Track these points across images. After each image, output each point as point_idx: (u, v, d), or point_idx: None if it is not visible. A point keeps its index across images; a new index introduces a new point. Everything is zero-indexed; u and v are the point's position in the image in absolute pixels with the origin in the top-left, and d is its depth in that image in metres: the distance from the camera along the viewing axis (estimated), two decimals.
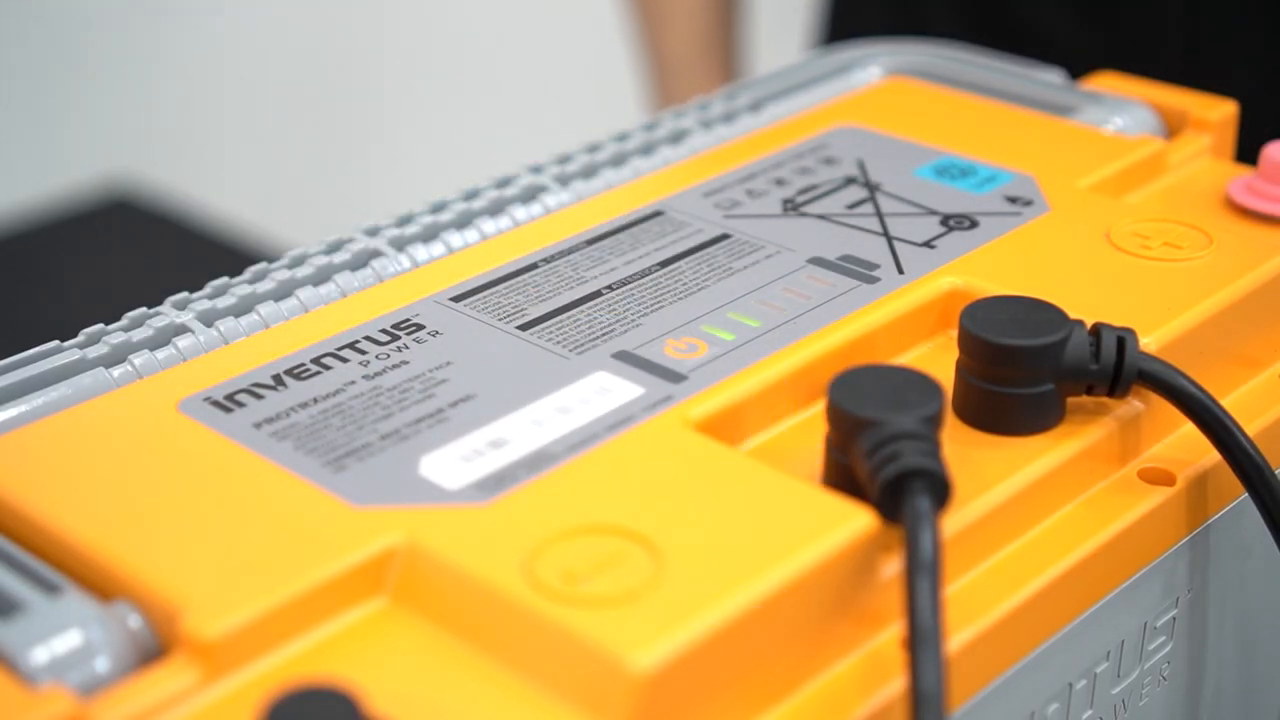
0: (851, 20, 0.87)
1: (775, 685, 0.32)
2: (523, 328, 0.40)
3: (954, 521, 0.35)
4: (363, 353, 0.39)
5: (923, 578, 0.31)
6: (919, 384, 0.34)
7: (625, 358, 0.39)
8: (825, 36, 0.89)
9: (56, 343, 0.40)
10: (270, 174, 1.63)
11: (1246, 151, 0.51)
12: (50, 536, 0.34)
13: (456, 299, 0.42)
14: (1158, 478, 0.38)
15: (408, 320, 0.41)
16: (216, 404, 0.37)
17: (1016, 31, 0.79)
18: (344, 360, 0.39)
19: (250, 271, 0.43)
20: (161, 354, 0.40)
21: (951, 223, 0.45)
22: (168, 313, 0.41)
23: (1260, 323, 0.42)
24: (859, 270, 0.42)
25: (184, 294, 0.42)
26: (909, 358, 0.41)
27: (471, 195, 0.48)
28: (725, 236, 0.44)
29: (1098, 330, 0.37)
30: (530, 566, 0.32)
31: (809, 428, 0.38)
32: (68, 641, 0.31)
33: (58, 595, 0.32)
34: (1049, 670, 0.36)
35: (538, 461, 0.35)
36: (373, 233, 0.45)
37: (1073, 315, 0.37)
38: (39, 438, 0.37)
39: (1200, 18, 0.74)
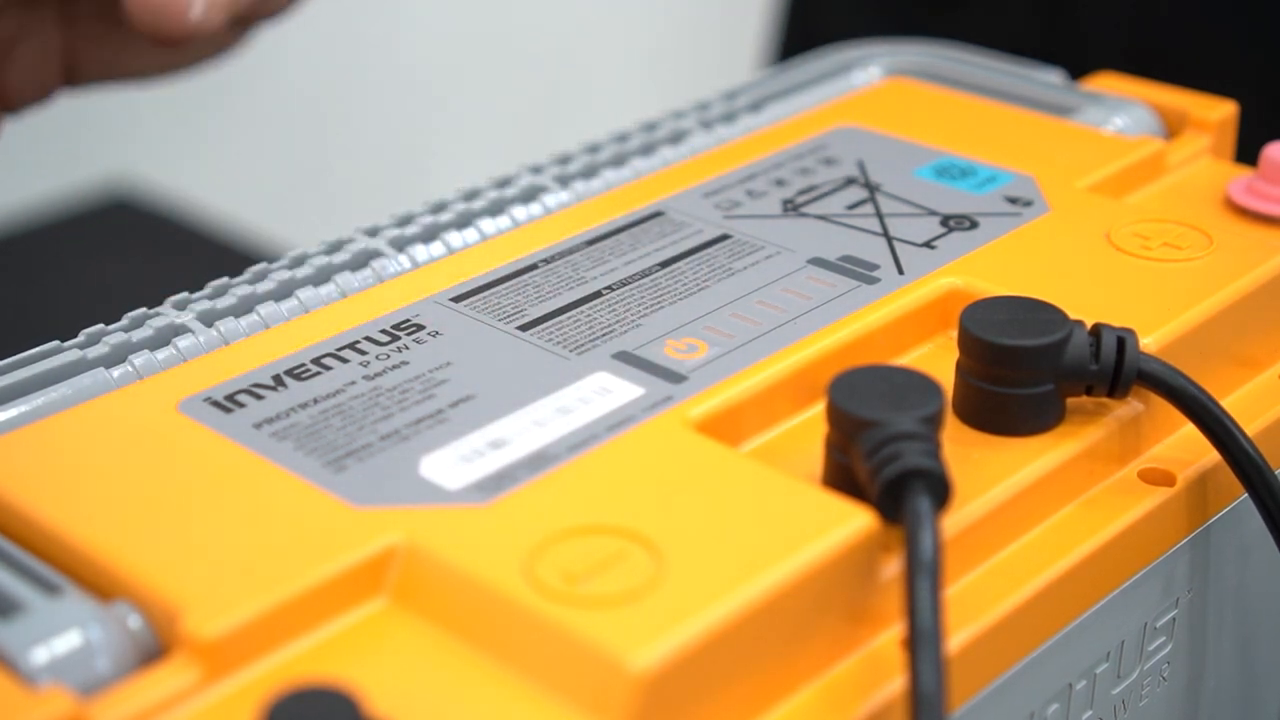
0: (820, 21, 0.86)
1: (775, 685, 0.32)
2: (523, 328, 0.40)
3: (954, 521, 0.35)
4: (363, 353, 0.39)
5: (923, 578, 0.31)
6: (919, 384, 0.34)
7: (625, 358, 0.39)
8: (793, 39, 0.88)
9: (56, 343, 0.40)
10: (270, 174, 1.63)
11: (1247, 152, 0.51)
12: (50, 536, 0.34)
13: (456, 299, 0.42)
14: (1158, 478, 0.38)
15: (408, 320, 0.41)
16: (216, 404, 0.37)
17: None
18: (344, 361, 0.39)
19: (250, 271, 0.43)
20: (161, 354, 0.40)
21: (951, 223, 0.45)
22: (168, 313, 0.41)
23: (1260, 323, 0.42)
24: (859, 271, 0.42)
25: (184, 294, 0.42)
26: (909, 358, 0.41)
27: (471, 195, 0.48)
28: (725, 237, 0.44)
29: (1098, 330, 0.37)
30: (530, 567, 0.32)
31: (809, 428, 0.38)
32: (68, 641, 0.31)
33: (58, 595, 0.32)
34: (1049, 670, 0.36)
35: (538, 462, 0.35)
36: (373, 233, 0.45)
37: (1073, 315, 0.37)
38: (39, 438, 0.37)
39: (1199, 17, 0.74)
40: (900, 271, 0.42)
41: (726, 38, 1.48)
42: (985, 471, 0.36)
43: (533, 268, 0.43)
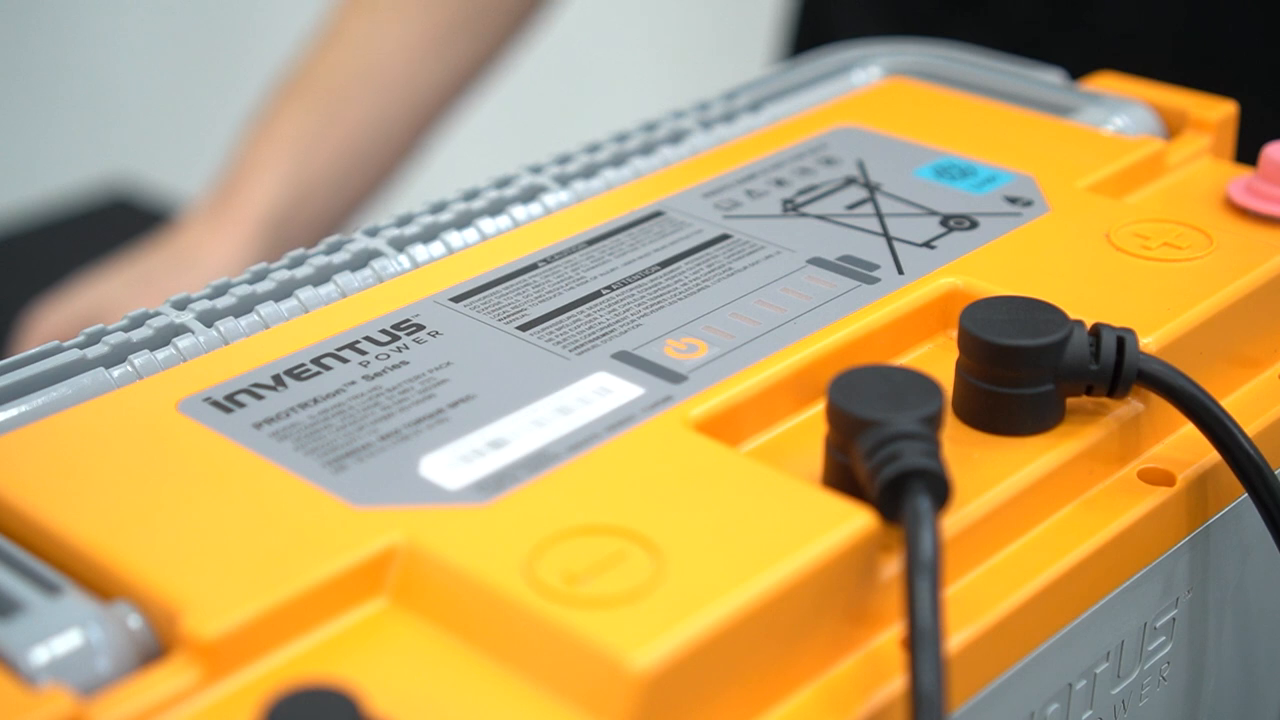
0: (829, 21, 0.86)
1: (775, 685, 0.32)
2: (523, 328, 0.40)
3: (954, 521, 0.35)
4: (363, 353, 0.39)
5: (923, 578, 0.31)
6: (919, 384, 0.34)
7: (625, 358, 0.39)
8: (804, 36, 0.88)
9: (56, 343, 0.40)
10: None
11: (1248, 152, 0.51)
12: (50, 536, 0.34)
13: (456, 299, 0.42)
14: (1158, 478, 0.38)
15: (408, 320, 0.41)
16: (216, 404, 0.37)
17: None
18: (344, 360, 0.39)
19: (250, 271, 0.43)
20: (161, 354, 0.40)
21: (951, 223, 0.45)
22: (168, 313, 0.41)
23: (1260, 323, 0.42)
24: (859, 270, 0.42)
25: (184, 294, 0.42)
26: (909, 358, 0.41)
27: (471, 195, 0.48)
28: (725, 237, 0.45)
29: (1097, 330, 0.37)
30: (530, 567, 0.32)
31: (809, 428, 0.38)
32: (68, 641, 0.31)
33: (58, 595, 0.32)
34: (1049, 670, 0.36)
35: (538, 462, 0.35)
36: (373, 233, 0.45)
37: (1073, 315, 0.37)
38: (39, 438, 0.37)
39: (1197, 17, 0.74)
40: (900, 271, 0.42)
41: (737, 39, 1.48)
42: (985, 471, 0.36)
43: (533, 268, 0.43)
